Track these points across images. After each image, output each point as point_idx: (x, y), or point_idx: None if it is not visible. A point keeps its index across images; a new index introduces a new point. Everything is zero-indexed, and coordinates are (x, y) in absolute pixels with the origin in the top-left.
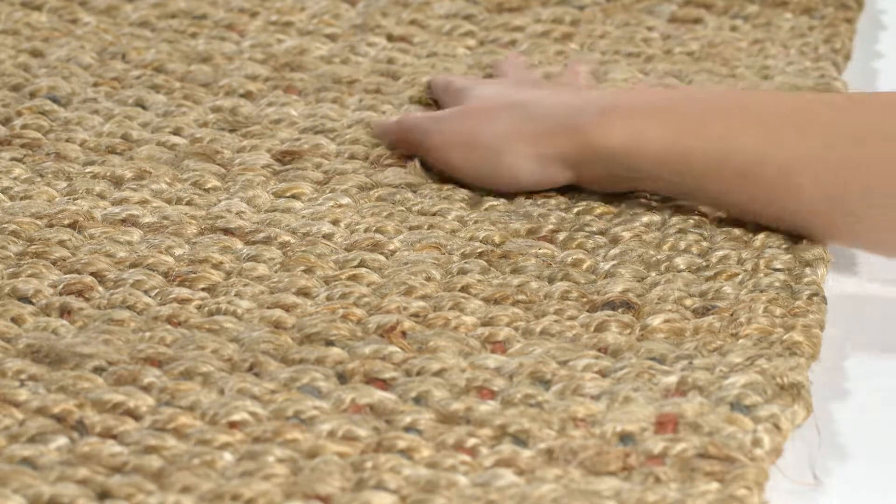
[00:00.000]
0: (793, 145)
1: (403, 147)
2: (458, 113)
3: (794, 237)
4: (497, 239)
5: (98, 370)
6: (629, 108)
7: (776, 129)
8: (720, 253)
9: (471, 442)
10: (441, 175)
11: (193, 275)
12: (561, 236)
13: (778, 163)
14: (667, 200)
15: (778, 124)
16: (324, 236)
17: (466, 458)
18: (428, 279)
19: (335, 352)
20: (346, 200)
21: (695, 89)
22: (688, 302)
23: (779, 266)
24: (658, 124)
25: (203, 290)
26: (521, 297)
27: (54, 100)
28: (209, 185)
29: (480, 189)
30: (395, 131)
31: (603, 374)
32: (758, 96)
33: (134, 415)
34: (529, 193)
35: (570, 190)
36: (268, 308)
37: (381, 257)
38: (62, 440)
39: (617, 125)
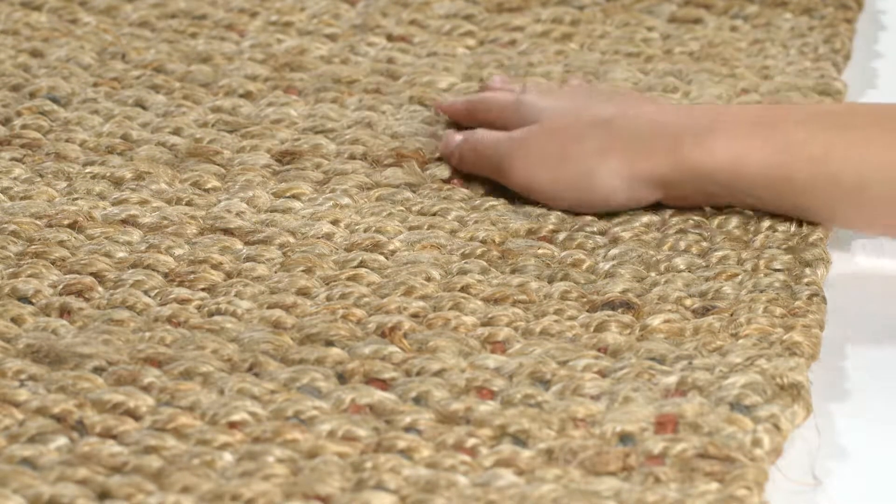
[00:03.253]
0: None
1: (473, 168)
2: (540, 132)
3: (794, 236)
4: (497, 239)
5: (98, 370)
6: (730, 127)
7: (880, 147)
8: (720, 253)
9: (471, 442)
10: (520, 197)
11: (193, 275)
12: (561, 236)
13: (883, 183)
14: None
15: (882, 143)
16: (324, 236)
17: (466, 458)
18: (428, 279)
19: (335, 352)
20: (346, 200)
21: (794, 106)
22: (688, 302)
23: (779, 266)
24: (760, 145)
25: (203, 290)
26: (521, 297)
27: (54, 100)
28: (209, 186)
29: (566, 210)
30: (465, 150)
31: (603, 374)
32: (860, 111)
33: (134, 415)
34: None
35: None
36: (268, 308)
37: (381, 257)
38: (62, 440)
39: (718, 146)
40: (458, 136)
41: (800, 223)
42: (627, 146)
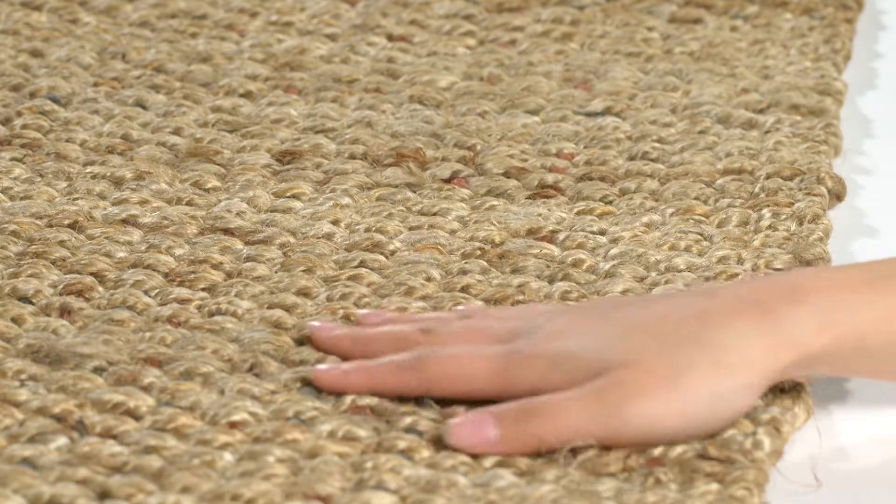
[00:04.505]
0: None
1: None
2: (638, 371)
3: (794, 236)
4: (497, 239)
5: (98, 370)
6: (852, 285)
7: None
8: (720, 253)
9: None
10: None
11: (193, 275)
12: (561, 236)
13: None
14: (667, 200)
15: None
16: (324, 236)
17: (466, 458)
18: (428, 279)
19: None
20: (346, 200)
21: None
22: None
23: (779, 266)
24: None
25: (203, 290)
26: (521, 297)
27: (54, 100)
28: (209, 185)
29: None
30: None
31: None
32: None
33: (134, 415)
34: (533, 194)
35: (570, 190)
36: (268, 308)
37: (381, 257)
38: (62, 440)
39: (860, 309)
40: (494, 427)
41: (800, 223)
42: (752, 354)
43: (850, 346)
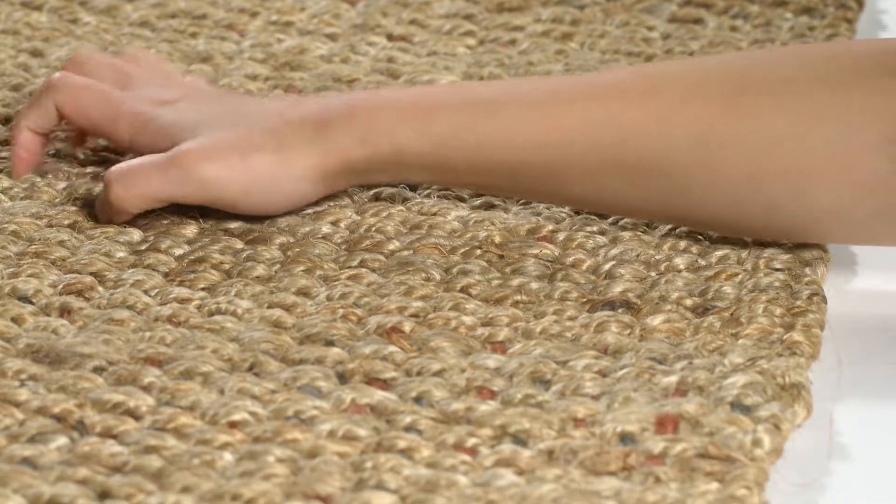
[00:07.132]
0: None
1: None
2: (219, 148)
3: None
4: (497, 239)
5: (98, 370)
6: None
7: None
8: (720, 253)
9: (471, 442)
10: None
11: (193, 275)
12: (561, 236)
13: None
14: None
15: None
16: (323, 236)
17: (466, 458)
18: (428, 279)
19: (335, 352)
20: (346, 200)
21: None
22: (688, 302)
23: (778, 266)
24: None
25: (203, 289)
26: (520, 297)
27: None
28: None
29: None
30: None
31: (603, 374)
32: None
33: (134, 415)
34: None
35: None
36: (268, 308)
37: (381, 257)
38: (62, 440)
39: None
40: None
41: None
42: (312, 148)
43: (389, 159)
